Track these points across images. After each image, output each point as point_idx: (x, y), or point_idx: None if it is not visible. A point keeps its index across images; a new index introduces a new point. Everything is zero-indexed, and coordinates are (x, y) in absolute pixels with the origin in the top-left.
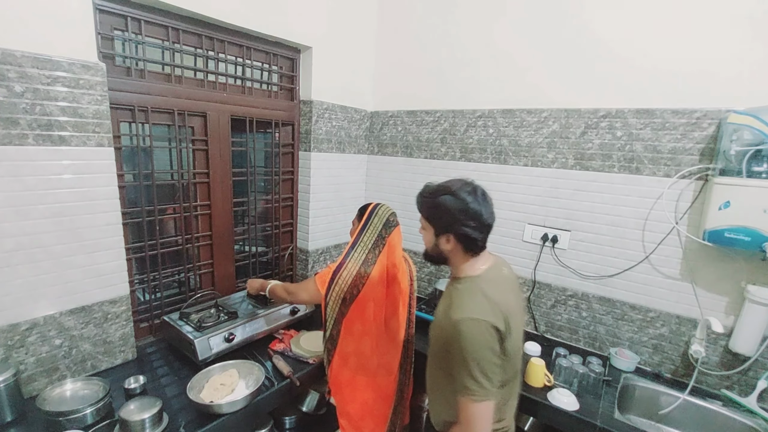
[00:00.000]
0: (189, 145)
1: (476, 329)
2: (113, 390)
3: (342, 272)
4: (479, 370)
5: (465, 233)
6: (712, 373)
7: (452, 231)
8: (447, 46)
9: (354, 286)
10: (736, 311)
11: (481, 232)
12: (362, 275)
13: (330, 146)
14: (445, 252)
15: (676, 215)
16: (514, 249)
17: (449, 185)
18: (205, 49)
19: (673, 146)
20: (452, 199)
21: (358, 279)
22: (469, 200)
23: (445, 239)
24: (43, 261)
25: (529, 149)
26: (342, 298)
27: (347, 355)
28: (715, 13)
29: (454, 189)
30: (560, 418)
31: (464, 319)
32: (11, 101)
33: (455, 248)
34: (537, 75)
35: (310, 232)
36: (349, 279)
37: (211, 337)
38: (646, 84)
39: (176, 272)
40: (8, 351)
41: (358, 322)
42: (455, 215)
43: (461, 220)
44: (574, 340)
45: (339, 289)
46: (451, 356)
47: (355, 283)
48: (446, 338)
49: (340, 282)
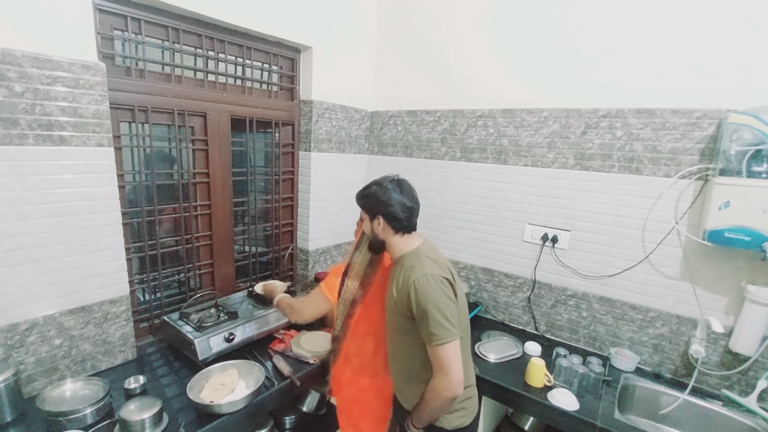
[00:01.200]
0: (189, 145)
1: (431, 281)
2: (113, 390)
3: (350, 273)
4: (440, 314)
5: (390, 213)
6: (712, 373)
7: (379, 212)
8: (447, 45)
9: (361, 287)
10: (736, 311)
11: (405, 212)
12: (368, 276)
13: (330, 146)
14: (380, 234)
15: (676, 215)
16: (514, 249)
17: (377, 180)
18: (205, 49)
19: (673, 146)
20: (378, 188)
21: (365, 280)
22: (390, 188)
23: (377, 222)
24: (43, 261)
25: (529, 149)
26: (351, 300)
27: (350, 356)
28: (715, 12)
29: (379, 181)
30: (560, 418)
31: (418, 277)
32: (11, 101)
33: (386, 229)
34: (537, 74)
35: (310, 232)
36: (356, 280)
37: (211, 337)
38: (646, 84)
39: (176, 272)
40: (8, 351)
41: (363, 323)
42: (380, 200)
43: (385, 203)
44: (574, 340)
45: (348, 291)
46: (415, 314)
47: (362, 284)
48: (406, 302)
49: (349, 284)
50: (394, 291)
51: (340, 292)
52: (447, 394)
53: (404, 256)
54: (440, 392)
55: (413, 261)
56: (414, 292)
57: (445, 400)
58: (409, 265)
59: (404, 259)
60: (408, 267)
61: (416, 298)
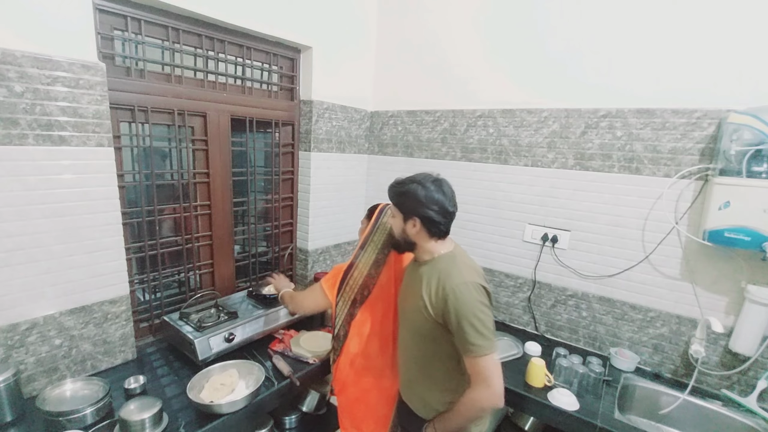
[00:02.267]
0: (189, 145)
1: (472, 290)
2: (113, 390)
3: (353, 272)
4: (481, 324)
5: (429, 216)
6: (712, 373)
7: (417, 215)
8: (447, 45)
9: (365, 287)
10: (736, 311)
11: (444, 217)
12: (373, 276)
13: (330, 146)
14: (412, 236)
15: (676, 215)
16: (514, 249)
17: (416, 177)
18: (205, 49)
19: (673, 146)
20: (418, 187)
21: (369, 280)
22: (432, 188)
23: (411, 223)
24: (43, 261)
25: (529, 149)
26: (352, 299)
27: (354, 356)
28: (715, 12)
29: (420, 179)
30: (560, 418)
31: (458, 284)
32: (11, 101)
33: (420, 232)
34: (537, 74)
35: (310, 232)
36: (360, 279)
37: (211, 337)
38: (646, 84)
39: (176, 272)
40: (8, 351)
41: (368, 324)
42: (420, 200)
43: (425, 204)
44: (574, 340)
45: (350, 289)
46: (452, 322)
47: (366, 283)
48: (442, 309)
49: (351, 282)
50: (425, 296)
51: (339, 291)
52: (486, 405)
53: (436, 259)
54: (481, 404)
55: (449, 266)
56: (454, 300)
57: (482, 411)
58: (445, 270)
59: (437, 262)
60: (444, 272)
61: (456, 306)
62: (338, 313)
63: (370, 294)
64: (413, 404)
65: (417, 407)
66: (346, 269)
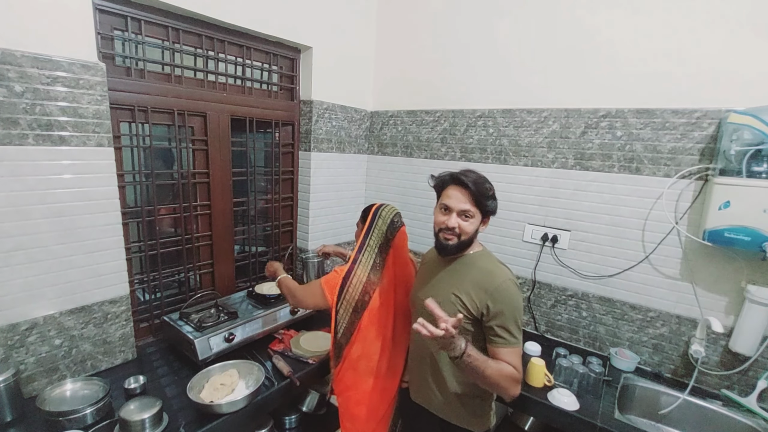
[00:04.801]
0: (189, 145)
1: (515, 287)
2: (113, 390)
3: (352, 279)
4: (520, 319)
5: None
6: (712, 373)
7: (494, 214)
8: (447, 46)
9: (365, 293)
10: (736, 311)
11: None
12: (372, 281)
13: (330, 146)
14: (475, 236)
15: (676, 215)
16: (514, 249)
17: (481, 175)
18: (205, 49)
19: (673, 146)
20: (492, 187)
21: (369, 285)
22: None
23: (485, 223)
24: (43, 261)
25: (529, 149)
26: (353, 306)
27: (357, 359)
28: (715, 12)
29: (486, 177)
30: (560, 418)
31: (504, 281)
32: (11, 101)
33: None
34: (537, 75)
35: (309, 232)
36: (359, 286)
37: (211, 337)
38: (646, 84)
39: (176, 272)
40: (8, 351)
41: (372, 328)
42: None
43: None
44: (574, 340)
45: (350, 296)
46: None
47: (365, 289)
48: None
49: (350, 290)
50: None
51: (339, 297)
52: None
53: (470, 255)
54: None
55: (489, 264)
56: (505, 296)
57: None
58: (485, 267)
59: (472, 258)
60: (485, 269)
61: (503, 301)
62: (339, 320)
63: (371, 299)
64: (429, 402)
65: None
66: (344, 275)
